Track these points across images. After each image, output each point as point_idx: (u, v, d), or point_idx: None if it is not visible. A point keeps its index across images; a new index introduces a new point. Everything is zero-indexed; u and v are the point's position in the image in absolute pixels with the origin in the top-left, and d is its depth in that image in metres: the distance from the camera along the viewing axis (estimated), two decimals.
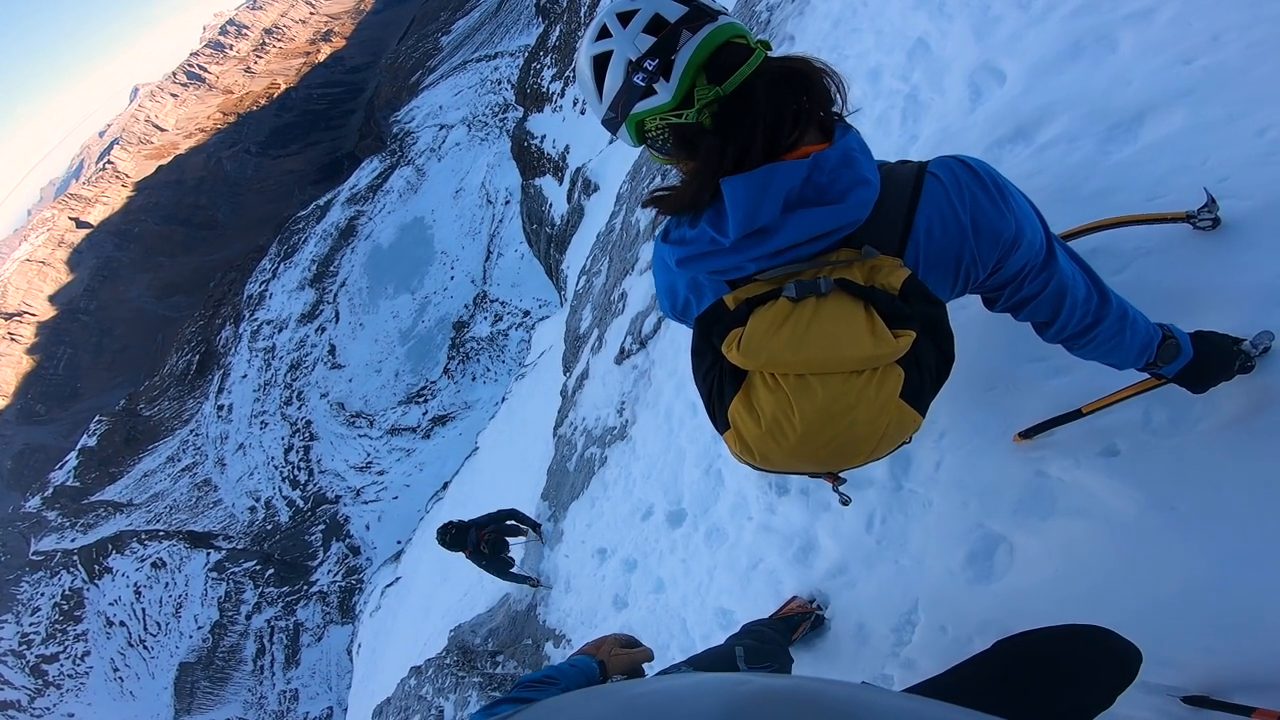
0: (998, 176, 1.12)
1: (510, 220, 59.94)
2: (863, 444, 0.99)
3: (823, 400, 0.95)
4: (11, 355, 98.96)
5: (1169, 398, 1.55)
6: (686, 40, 0.99)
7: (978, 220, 1.08)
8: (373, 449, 59.24)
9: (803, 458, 1.01)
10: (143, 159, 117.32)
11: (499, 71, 75.21)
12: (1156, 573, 1.56)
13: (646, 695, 0.61)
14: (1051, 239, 1.17)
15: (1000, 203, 1.09)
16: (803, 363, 0.95)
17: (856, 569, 2.46)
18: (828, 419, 0.96)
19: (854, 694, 0.56)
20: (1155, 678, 1.49)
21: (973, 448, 2.09)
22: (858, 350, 0.94)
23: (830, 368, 0.95)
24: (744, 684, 0.60)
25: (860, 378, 0.95)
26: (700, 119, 1.01)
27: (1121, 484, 1.66)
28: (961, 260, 1.10)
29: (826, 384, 0.96)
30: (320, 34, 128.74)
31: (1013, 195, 1.12)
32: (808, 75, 1.04)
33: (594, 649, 1.25)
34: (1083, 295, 1.22)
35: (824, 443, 0.98)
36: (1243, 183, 1.62)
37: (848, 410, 0.95)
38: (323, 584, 52.10)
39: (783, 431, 0.98)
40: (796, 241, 1.01)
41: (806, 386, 0.96)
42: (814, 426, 0.97)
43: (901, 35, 3.01)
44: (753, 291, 1.04)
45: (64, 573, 55.72)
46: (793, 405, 0.97)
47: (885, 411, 0.97)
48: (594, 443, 5.93)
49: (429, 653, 8.56)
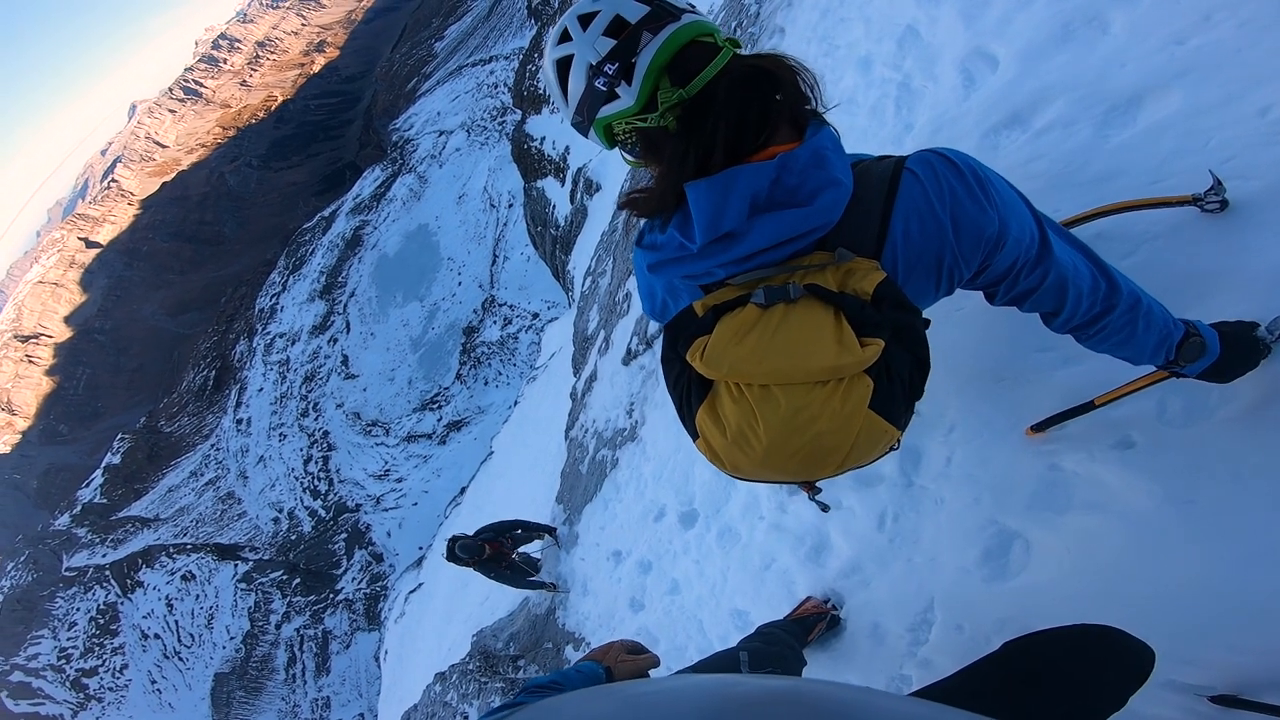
0: (980, 170, 1.07)
1: (514, 223, 59.94)
2: (830, 455, 0.95)
3: (785, 411, 0.93)
4: (31, 377, 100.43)
5: (1183, 387, 1.50)
6: (647, 42, 0.96)
7: (958, 218, 1.03)
8: (390, 457, 59.65)
9: (771, 468, 0.99)
10: (146, 176, 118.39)
11: (495, 75, 75.09)
12: (1178, 568, 1.52)
13: (644, 695, 0.61)
14: (1046, 231, 1.12)
15: (982, 198, 1.04)
16: (765, 373, 0.93)
17: (870, 568, 2.43)
18: (791, 430, 0.93)
19: (850, 696, 0.55)
20: (1181, 676, 1.46)
21: (983, 442, 2.05)
22: (821, 360, 0.91)
23: (793, 378, 0.92)
24: (740, 685, 0.60)
25: (825, 388, 0.92)
26: (664, 122, 0.98)
27: (1138, 477, 1.61)
28: (943, 260, 1.06)
29: (789, 394, 0.93)
30: (313, 45, 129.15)
31: (997, 189, 1.07)
32: (776, 74, 1.00)
33: (600, 654, 1.25)
34: (1088, 285, 1.17)
35: (790, 454, 0.95)
36: (1248, 163, 1.57)
37: (811, 422, 0.92)
38: (348, 592, 52.62)
39: (748, 442, 0.96)
40: (765, 246, 0.98)
41: (770, 397, 0.94)
42: (779, 438, 0.94)
43: (890, 23, 2.96)
44: (722, 298, 1.01)
45: (97, 587, 56.56)
46: (756, 416, 0.94)
47: (852, 422, 0.93)
48: (605, 445, 5.92)
49: (453, 658, 8.61)
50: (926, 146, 1.12)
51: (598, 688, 0.80)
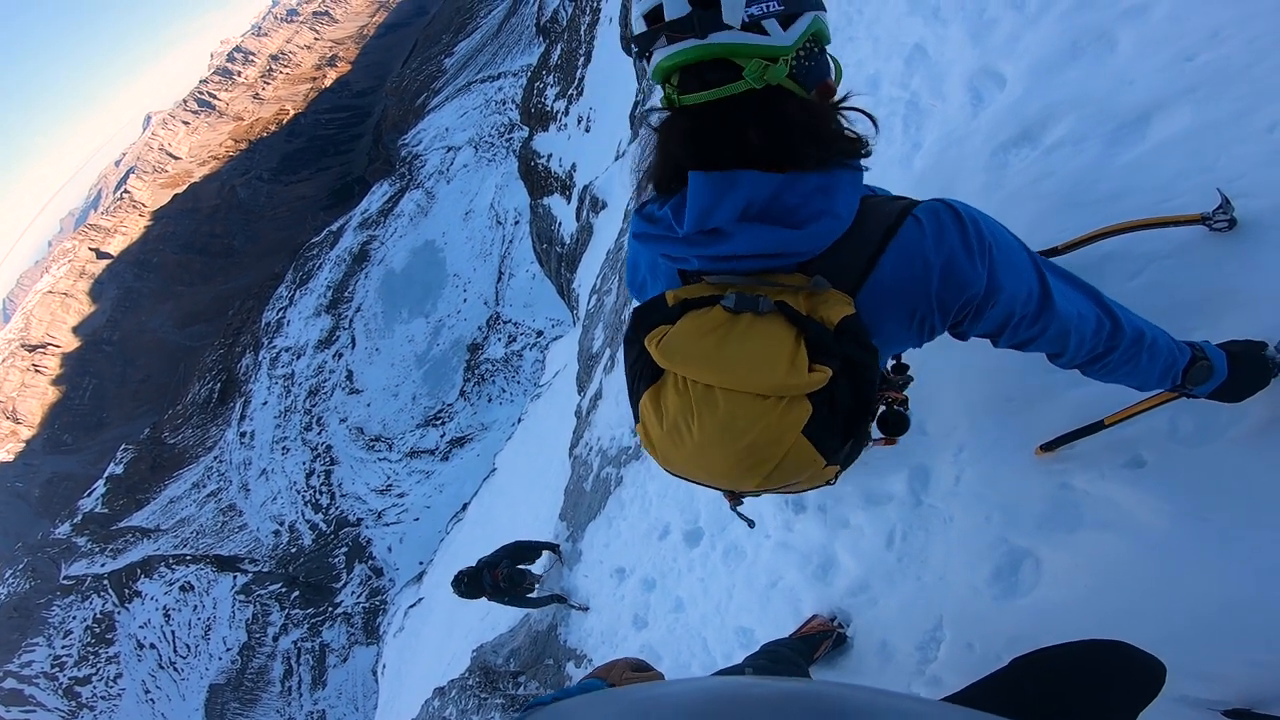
0: (985, 227, 1.05)
1: (520, 240, 60.22)
2: (756, 468, 0.97)
3: (723, 415, 0.94)
4: (37, 387, 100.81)
5: (1194, 406, 1.49)
6: (812, 7, 0.98)
7: (948, 270, 1.02)
8: (392, 472, 59.50)
9: (698, 467, 1.01)
10: (158, 188, 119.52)
11: (503, 92, 75.84)
12: (1191, 585, 1.51)
13: (652, 699, 0.61)
14: (1049, 286, 1.10)
15: (977, 256, 1.02)
16: (714, 375, 0.94)
17: (878, 586, 2.41)
18: (724, 434, 0.95)
19: (864, 697, 0.55)
20: (1195, 691, 1.44)
21: (993, 461, 2.04)
22: (770, 377, 0.92)
23: (739, 386, 0.93)
24: (755, 687, 0.60)
25: (765, 403, 0.93)
26: (736, 88, 0.95)
27: (1150, 495, 1.61)
28: (917, 310, 1.05)
29: (730, 400, 0.94)
30: (325, 59, 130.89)
31: (999, 247, 1.05)
32: (827, 136, 1.01)
33: (605, 672, 1.24)
34: (1091, 329, 1.17)
35: (718, 458, 0.97)
36: (1256, 181, 1.58)
37: (744, 432, 0.94)
38: (347, 605, 52.27)
39: (681, 436, 0.98)
40: (747, 254, 0.99)
41: (711, 398, 0.95)
42: (710, 439, 0.96)
43: (898, 42, 2.99)
44: (694, 293, 1.03)
45: (94, 596, 56.30)
46: (694, 413, 0.96)
47: (781, 442, 0.94)
48: (609, 463, 5.91)
49: (452, 673, 8.54)
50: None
51: (605, 692, 0.80)
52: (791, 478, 1.01)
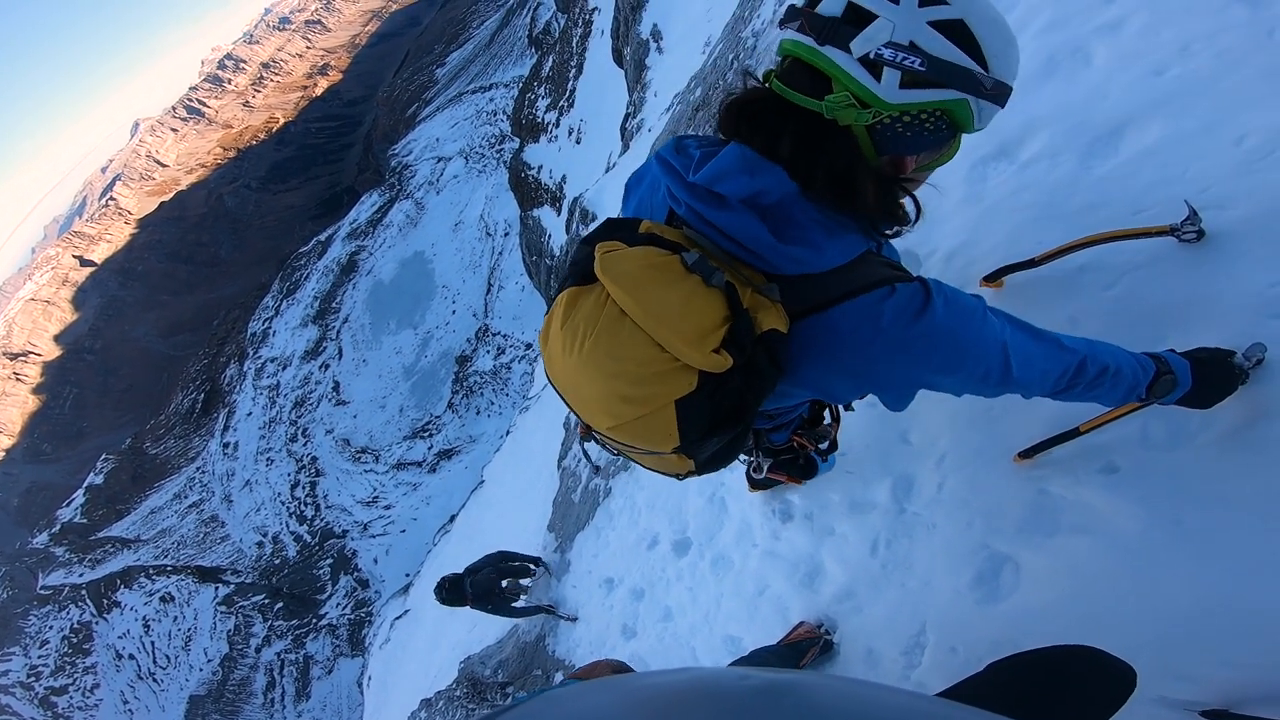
0: (955, 329, 1.06)
1: (510, 252, 60.25)
2: (614, 409, 0.98)
3: (618, 344, 0.95)
4: (17, 395, 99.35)
5: (1165, 413, 1.54)
6: (961, 90, 0.96)
7: (894, 349, 1.05)
8: (379, 484, 59.04)
9: (569, 383, 1.03)
10: (145, 195, 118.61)
11: (494, 103, 76.14)
12: (1166, 587, 1.54)
13: (644, 687, 0.61)
14: (1009, 368, 1.13)
15: (928, 353, 1.06)
16: (634, 305, 0.94)
17: (863, 593, 2.44)
18: (607, 361, 0.96)
19: (849, 688, 0.56)
20: (1172, 692, 1.47)
21: (974, 469, 2.08)
22: (680, 334, 0.93)
23: (649, 326, 0.94)
24: (747, 678, 0.60)
25: (660, 355, 0.94)
26: (826, 106, 0.97)
27: (1123, 500, 1.65)
28: (851, 368, 1.10)
29: (632, 335, 0.95)
30: (317, 68, 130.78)
31: (957, 349, 1.08)
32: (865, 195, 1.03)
33: (586, 673, 1.26)
34: (1052, 381, 1.21)
35: (590, 381, 0.98)
36: (1224, 193, 1.63)
37: (624, 371, 0.95)
38: (332, 617, 51.67)
39: (572, 345, 0.99)
40: (729, 233, 1.01)
41: (618, 325, 0.96)
42: (593, 360, 0.97)
43: None
44: (667, 234, 1.04)
45: (72, 606, 55.37)
46: (595, 329, 0.97)
47: (651, 400, 0.96)
48: (598, 474, 5.91)
49: (439, 685, 8.45)
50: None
51: (597, 680, 0.81)
52: (640, 441, 1.03)
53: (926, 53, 0.91)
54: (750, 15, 6.29)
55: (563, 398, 1.09)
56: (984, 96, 0.96)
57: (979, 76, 0.94)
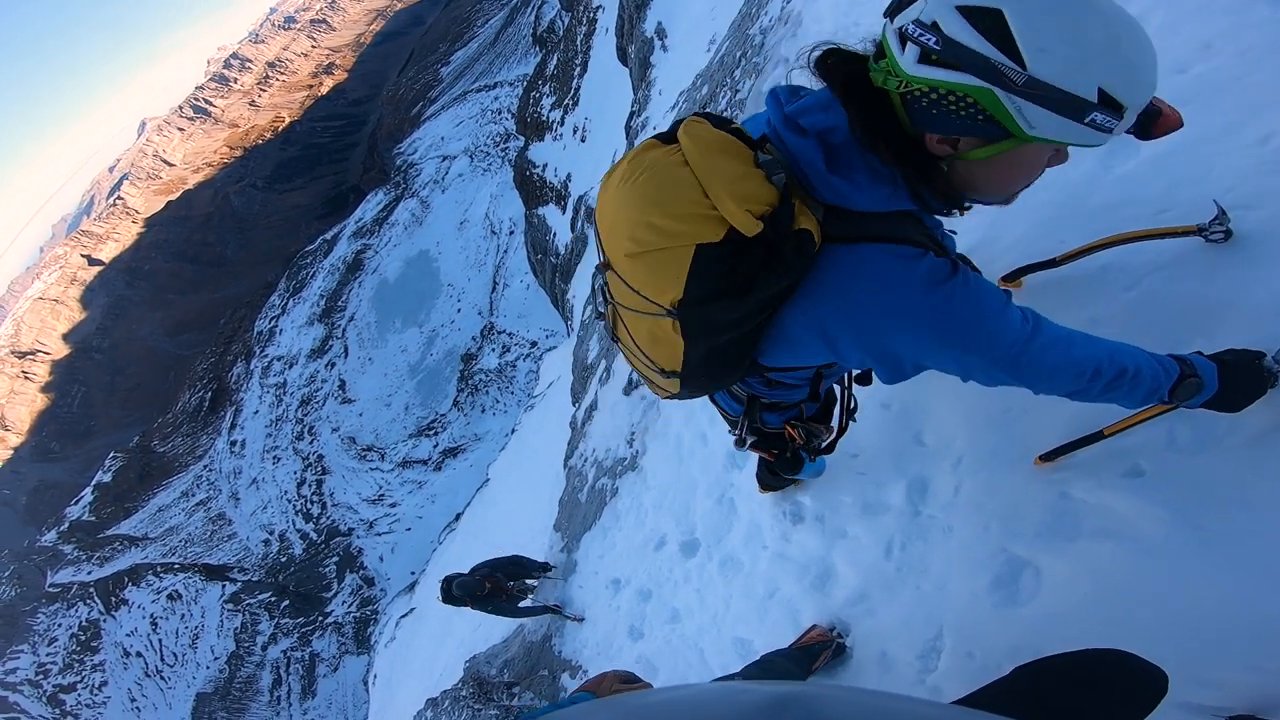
0: (965, 321, 1.12)
1: (515, 251, 60.15)
2: (639, 233, 1.10)
3: (666, 180, 1.10)
4: (26, 394, 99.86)
5: (1192, 416, 1.51)
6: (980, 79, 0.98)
7: (886, 318, 1.13)
8: (384, 482, 59.09)
9: (609, 206, 1.17)
10: (152, 194, 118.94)
11: (499, 101, 76.04)
12: (1191, 593, 1.51)
13: (646, 706, 0.61)
14: (1020, 357, 1.17)
15: (922, 334, 1.13)
16: (698, 159, 1.08)
17: (877, 596, 2.41)
18: (653, 188, 1.10)
19: (860, 699, 0.55)
20: (1197, 698, 1.44)
21: (992, 471, 2.05)
22: (727, 192, 1.04)
23: (702, 171, 1.07)
24: (748, 692, 0.60)
25: (702, 200, 1.06)
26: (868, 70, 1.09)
27: (1148, 504, 1.62)
28: (826, 326, 1.18)
29: (686, 179, 1.08)
30: (322, 67, 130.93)
31: (960, 344, 1.14)
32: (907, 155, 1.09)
33: (594, 685, 1.24)
34: (1070, 375, 1.22)
35: (631, 203, 1.12)
36: (1250, 193, 1.60)
37: (663, 199, 1.09)
38: (338, 615, 51.77)
39: (632, 172, 1.13)
40: (791, 153, 1.13)
41: (678, 170, 1.10)
42: (640, 186, 1.11)
43: None
44: (755, 144, 1.14)
45: (80, 604, 55.58)
46: (655, 168, 1.12)
47: (675, 236, 1.07)
48: (605, 474, 5.89)
49: (444, 684, 8.46)
50: None
51: (598, 701, 0.80)
52: (649, 281, 1.15)
53: (944, 34, 0.95)
54: (758, 12, 6.26)
55: (597, 233, 1.22)
56: (1015, 92, 0.95)
57: (1003, 69, 0.94)
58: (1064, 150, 1.10)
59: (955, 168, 1.09)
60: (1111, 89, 0.95)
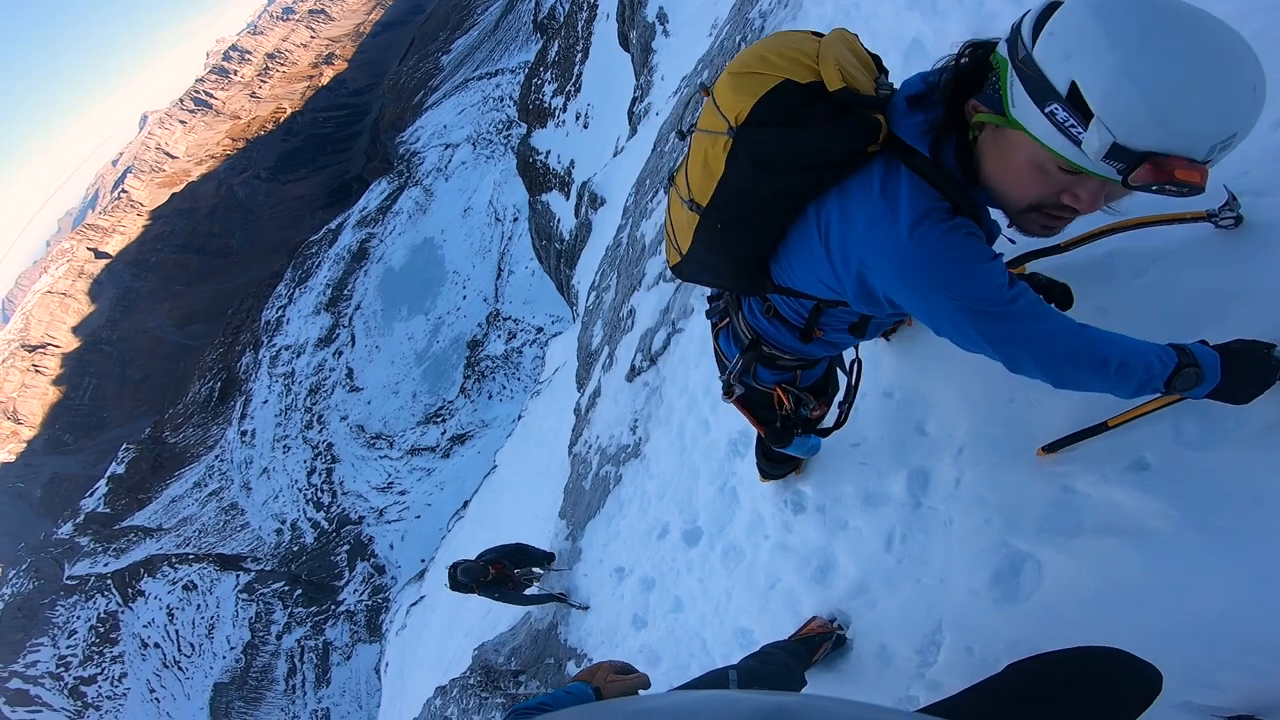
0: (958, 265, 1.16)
1: (519, 237, 60.18)
2: (751, 62, 1.28)
3: (791, 37, 1.31)
4: (37, 387, 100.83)
5: (1199, 408, 1.46)
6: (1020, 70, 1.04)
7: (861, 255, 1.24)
8: (393, 469, 59.56)
9: (748, 52, 1.32)
10: (156, 187, 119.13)
11: (500, 89, 75.66)
12: (1194, 591, 1.47)
13: (640, 714, 0.62)
14: (1004, 353, 1.23)
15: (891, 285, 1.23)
16: (830, 41, 1.28)
17: (877, 588, 2.39)
18: (781, 39, 1.30)
19: (847, 710, 0.56)
20: (1198, 698, 1.42)
21: (993, 463, 2.01)
22: (832, 63, 1.21)
23: (821, 46, 1.27)
24: (740, 701, 0.61)
25: (809, 53, 1.25)
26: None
27: (1153, 499, 1.57)
28: (856, 231, 1.25)
29: (808, 41, 1.29)
30: (322, 57, 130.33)
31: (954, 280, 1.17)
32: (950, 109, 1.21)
33: (589, 674, 1.24)
34: (1054, 351, 1.21)
35: (761, 46, 1.30)
36: (1262, 178, 1.54)
37: (781, 43, 1.28)
38: (349, 603, 52.39)
39: (771, 36, 1.35)
40: (900, 90, 1.28)
41: (806, 38, 1.31)
42: (772, 38, 1.33)
43: (896, 37, 2.95)
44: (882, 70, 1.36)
45: (98, 596, 56.44)
46: (785, 34, 1.33)
47: (775, 68, 1.24)
48: (609, 461, 5.88)
49: (454, 672, 8.53)
50: None
51: (589, 705, 0.81)
52: (733, 94, 1.27)
53: (1024, 16, 1.03)
54: None
55: (712, 96, 1.35)
56: (1014, 67, 1.01)
57: (1019, 44, 1.00)
58: (1080, 189, 1.06)
59: (978, 141, 1.16)
60: (1085, 87, 0.91)
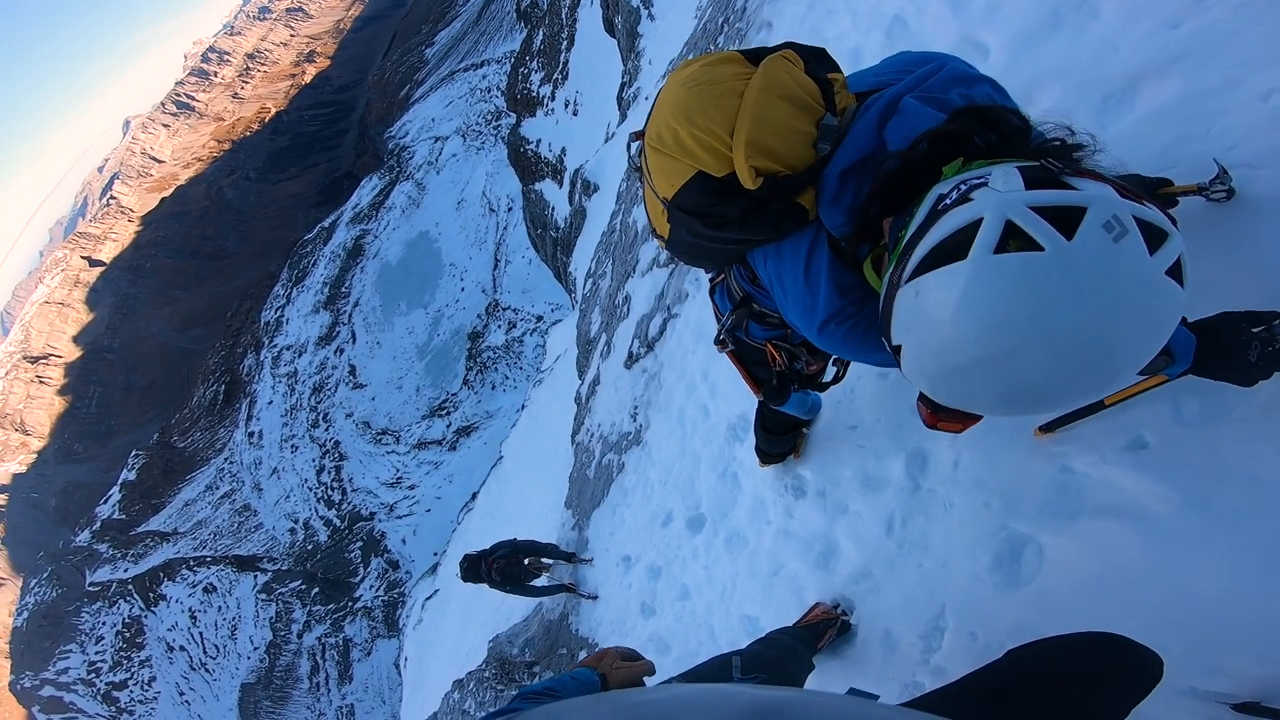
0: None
1: (515, 227, 59.64)
2: (664, 133, 1.26)
3: (706, 101, 1.21)
4: (43, 398, 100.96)
5: (1199, 386, 1.43)
6: None
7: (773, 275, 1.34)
8: (401, 464, 59.65)
9: (669, 92, 1.29)
10: (144, 192, 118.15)
11: (487, 79, 74.69)
12: (1197, 574, 1.46)
13: (641, 705, 0.64)
14: None
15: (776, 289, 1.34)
16: (752, 98, 1.19)
17: (880, 573, 2.39)
18: (694, 104, 1.22)
19: (841, 706, 0.57)
20: (1203, 684, 1.41)
21: (992, 444, 2.00)
22: (751, 141, 1.14)
23: (741, 117, 1.16)
24: (736, 696, 0.62)
25: (720, 138, 1.17)
26: None
27: (1153, 480, 1.56)
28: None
29: (724, 109, 1.19)
30: (303, 55, 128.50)
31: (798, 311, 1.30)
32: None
33: (595, 661, 1.24)
34: None
35: (674, 103, 1.27)
36: (1253, 150, 1.51)
37: (691, 120, 1.21)
38: (366, 599, 52.77)
39: (698, 76, 1.27)
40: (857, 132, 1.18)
41: (728, 97, 1.19)
42: (691, 93, 1.24)
43: (878, 14, 2.89)
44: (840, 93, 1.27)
45: (121, 601, 56.92)
46: (713, 84, 1.23)
47: (688, 156, 1.21)
48: (610, 449, 5.89)
49: (470, 665, 8.62)
50: None
51: (593, 695, 0.81)
52: (657, 170, 1.27)
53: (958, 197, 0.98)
54: None
55: (652, 107, 1.33)
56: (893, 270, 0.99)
57: (910, 259, 0.98)
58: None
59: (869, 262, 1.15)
60: (903, 361, 0.96)
